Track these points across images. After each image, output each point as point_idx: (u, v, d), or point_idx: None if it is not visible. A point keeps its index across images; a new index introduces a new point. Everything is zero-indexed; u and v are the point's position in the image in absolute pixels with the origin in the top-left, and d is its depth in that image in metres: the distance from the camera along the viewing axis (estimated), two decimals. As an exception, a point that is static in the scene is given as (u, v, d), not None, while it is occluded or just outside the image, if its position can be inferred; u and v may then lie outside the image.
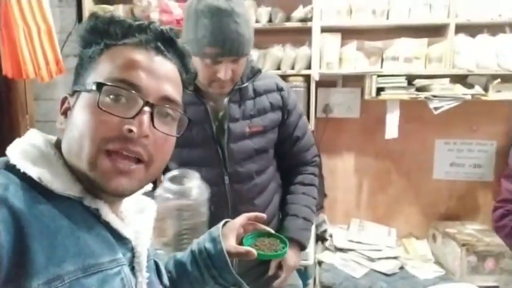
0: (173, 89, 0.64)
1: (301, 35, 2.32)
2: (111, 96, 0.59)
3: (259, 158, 1.33)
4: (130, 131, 0.57)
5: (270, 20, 2.30)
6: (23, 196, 0.53)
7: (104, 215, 0.61)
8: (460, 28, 2.17)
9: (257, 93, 1.32)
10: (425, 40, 2.27)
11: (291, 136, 1.40)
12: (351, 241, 2.33)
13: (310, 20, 2.25)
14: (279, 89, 1.36)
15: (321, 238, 2.44)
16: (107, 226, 0.62)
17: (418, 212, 2.55)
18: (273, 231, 0.93)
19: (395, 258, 2.21)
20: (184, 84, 0.70)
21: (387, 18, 2.24)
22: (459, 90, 2.16)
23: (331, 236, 2.42)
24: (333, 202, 2.61)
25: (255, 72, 1.32)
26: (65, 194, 0.58)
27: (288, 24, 2.29)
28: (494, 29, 2.19)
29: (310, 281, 2.19)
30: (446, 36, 2.18)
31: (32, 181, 0.56)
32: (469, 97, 2.13)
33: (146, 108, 0.59)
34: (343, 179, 2.60)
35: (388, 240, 2.34)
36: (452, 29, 2.14)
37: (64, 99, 0.65)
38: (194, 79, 1.23)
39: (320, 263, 2.22)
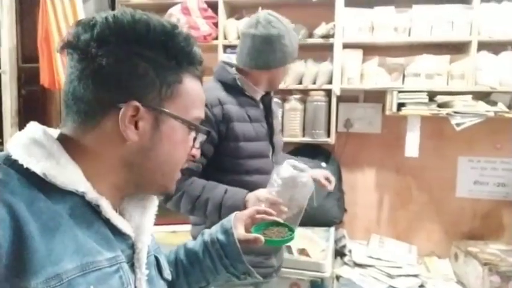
0: None
1: (323, 51, 2.38)
2: (196, 133, 0.69)
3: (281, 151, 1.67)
4: (194, 156, 0.71)
5: (293, 37, 2.37)
6: (22, 193, 0.53)
7: (105, 211, 0.61)
8: (483, 45, 2.17)
9: (270, 100, 1.63)
10: (447, 57, 2.28)
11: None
12: (371, 257, 2.30)
13: (332, 36, 2.31)
14: (277, 102, 1.81)
15: (340, 253, 2.43)
16: (107, 222, 0.62)
17: (440, 230, 2.51)
18: (281, 221, 0.97)
19: (415, 276, 2.18)
20: None
21: (409, 35, 2.27)
22: (482, 107, 2.14)
23: (350, 251, 2.40)
24: (353, 217, 2.61)
25: None
26: (69, 188, 0.58)
27: (311, 41, 2.36)
28: (518, 46, 2.18)
29: (327, 294, 2.18)
30: (468, 53, 2.19)
31: (32, 176, 0.55)
32: (491, 114, 2.11)
33: (200, 137, 0.71)
34: (363, 195, 2.60)
35: (409, 258, 2.31)
36: (474, 46, 2.15)
37: (135, 107, 0.61)
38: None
39: (337, 277, 2.21)
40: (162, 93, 0.63)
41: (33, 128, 0.62)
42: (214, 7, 2.46)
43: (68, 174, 0.58)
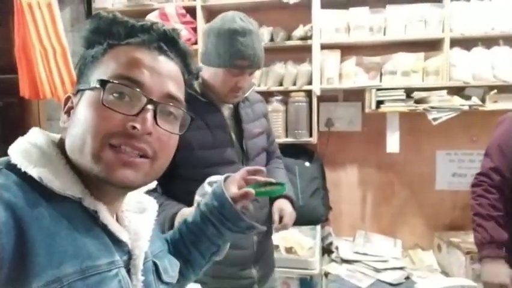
0: (176, 88, 0.66)
1: (302, 53, 2.42)
2: (114, 94, 0.60)
3: (263, 155, 1.55)
4: (134, 127, 0.58)
5: (271, 39, 2.41)
6: (24, 197, 0.53)
7: (102, 218, 0.61)
8: (455, 42, 2.25)
9: (251, 103, 1.52)
10: (422, 54, 2.35)
11: (269, 138, 1.62)
12: (357, 253, 2.35)
13: (310, 38, 2.35)
14: (262, 101, 1.62)
15: (327, 250, 2.46)
16: (105, 228, 0.62)
17: (422, 222, 2.57)
18: (274, 180, 0.99)
19: (401, 268, 2.22)
20: (186, 83, 0.71)
21: (384, 34, 2.34)
22: (457, 101, 2.22)
23: (337, 248, 2.44)
24: (338, 215, 2.65)
25: (251, 85, 1.53)
26: (66, 194, 0.57)
27: (289, 43, 2.39)
28: (489, 42, 2.27)
29: (316, 290, 2.21)
30: (442, 50, 2.26)
31: (32, 181, 0.56)
32: (466, 108, 2.19)
33: (150, 106, 0.60)
34: (347, 192, 2.65)
35: (394, 252, 2.36)
36: (447, 43, 2.23)
37: (67, 99, 0.65)
38: (196, 79, 1.39)
39: (326, 274, 2.24)
40: (84, 72, 0.64)
41: (35, 133, 0.62)
42: (192, 12, 2.48)
43: (65, 179, 0.58)
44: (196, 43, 2.48)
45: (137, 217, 0.71)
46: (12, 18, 2.27)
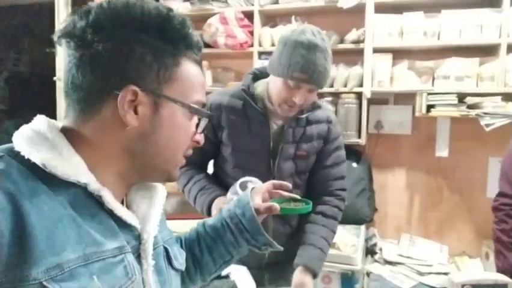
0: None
1: (354, 56, 2.47)
2: (199, 118, 0.70)
3: (297, 178, 1.47)
4: (199, 143, 0.71)
5: (324, 42, 2.48)
6: (25, 184, 0.53)
7: (108, 202, 0.61)
8: (512, 48, 2.21)
9: (309, 122, 1.45)
10: (477, 59, 2.32)
11: (321, 162, 1.49)
12: (401, 255, 2.35)
13: (362, 41, 2.40)
14: (329, 121, 1.48)
15: (370, 251, 2.49)
16: (111, 213, 0.62)
17: (471, 230, 2.53)
18: (298, 197, 1.00)
19: (445, 274, 2.20)
20: None
21: (438, 39, 2.33)
22: (511, 108, 2.18)
23: (381, 249, 2.45)
24: (383, 217, 2.67)
25: (315, 107, 1.47)
26: (71, 179, 0.57)
27: (342, 46, 2.46)
28: (548, 47, 2.20)
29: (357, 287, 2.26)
30: (497, 55, 2.22)
31: (35, 168, 0.55)
32: (521, 115, 2.14)
33: (201, 122, 0.71)
34: (394, 194, 2.66)
35: (439, 257, 2.34)
36: (504, 48, 2.19)
37: (133, 92, 0.61)
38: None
39: (368, 273, 2.27)
40: (160, 77, 0.62)
41: (39, 120, 0.62)
42: (250, 16, 2.61)
43: (69, 165, 0.58)
44: (252, 45, 2.61)
45: (146, 202, 0.72)
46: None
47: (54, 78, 2.88)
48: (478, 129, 2.25)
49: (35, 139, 0.58)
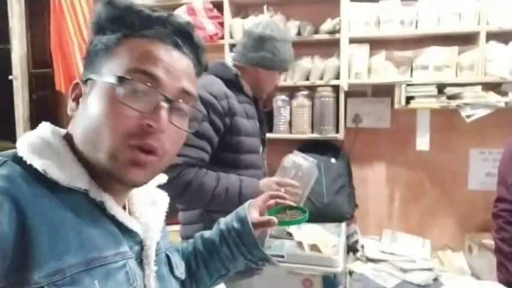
0: (189, 83, 0.65)
1: (329, 47, 2.37)
2: (130, 89, 0.59)
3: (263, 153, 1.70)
4: (150, 126, 0.58)
5: (299, 33, 2.37)
6: (28, 189, 0.53)
7: (109, 208, 0.61)
8: (492, 35, 2.15)
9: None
10: (456, 48, 2.26)
11: None
12: (384, 252, 2.30)
13: (338, 32, 2.30)
14: None
15: (352, 249, 2.43)
16: (113, 219, 0.62)
17: (453, 223, 2.49)
18: (294, 204, 0.99)
19: (429, 270, 2.16)
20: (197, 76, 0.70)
21: (416, 28, 2.26)
22: (492, 98, 2.12)
23: (362, 246, 2.39)
24: (364, 213, 2.60)
25: None
26: (71, 186, 0.57)
27: (317, 37, 2.36)
28: (528, 35, 2.15)
29: (340, 289, 2.18)
30: (477, 44, 2.16)
31: (37, 173, 0.56)
32: (502, 105, 2.09)
33: (164, 104, 0.60)
34: (374, 189, 2.59)
35: (422, 252, 2.29)
36: (483, 36, 2.13)
37: (75, 85, 0.64)
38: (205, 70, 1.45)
39: (350, 272, 2.21)
40: (94, 64, 0.62)
41: (44, 127, 0.63)
42: (219, 7, 2.48)
43: (70, 172, 0.58)
44: (223, 38, 2.48)
45: (148, 209, 0.71)
46: (48, 16, 2.35)
47: (10, 77, 2.66)
48: (457, 120, 2.20)
49: (39, 145, 0.59)
